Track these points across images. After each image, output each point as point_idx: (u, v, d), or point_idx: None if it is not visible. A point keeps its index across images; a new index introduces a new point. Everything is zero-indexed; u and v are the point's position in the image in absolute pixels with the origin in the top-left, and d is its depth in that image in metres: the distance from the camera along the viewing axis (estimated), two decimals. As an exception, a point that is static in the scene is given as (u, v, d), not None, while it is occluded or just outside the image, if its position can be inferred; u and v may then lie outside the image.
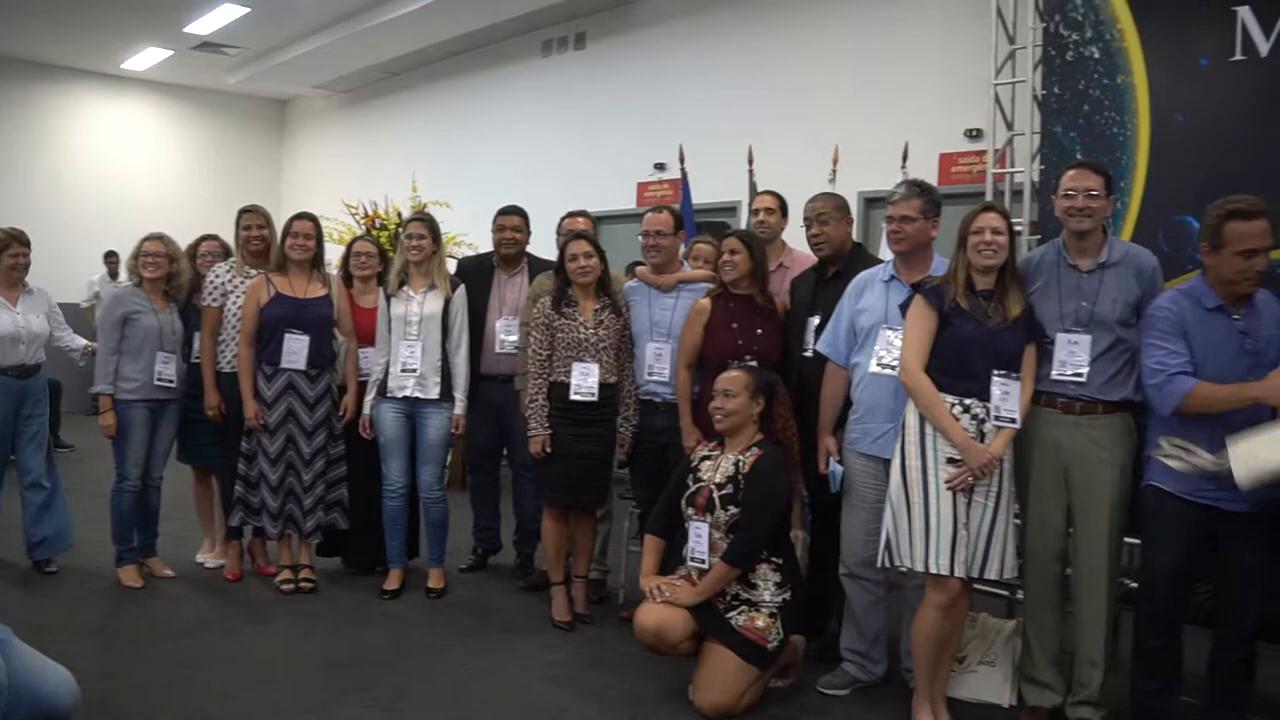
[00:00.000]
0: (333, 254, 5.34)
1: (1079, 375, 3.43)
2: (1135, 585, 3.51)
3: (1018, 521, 3.50)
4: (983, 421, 3.33)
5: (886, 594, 3.87)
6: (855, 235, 5.00)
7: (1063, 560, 3.58)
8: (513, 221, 5.11)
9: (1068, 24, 4.65)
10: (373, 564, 5.10)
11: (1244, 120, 4.21)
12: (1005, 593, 4.18)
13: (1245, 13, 4.20)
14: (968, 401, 3.34)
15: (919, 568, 3.37)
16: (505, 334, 4.97)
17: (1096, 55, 4.56)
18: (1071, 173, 3.51)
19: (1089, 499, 3.45)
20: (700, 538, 3.64)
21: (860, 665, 3.86)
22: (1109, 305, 3.40)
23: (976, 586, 3.71)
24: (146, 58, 11.42)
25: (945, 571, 3.31)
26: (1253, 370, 3.16)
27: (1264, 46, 4.16)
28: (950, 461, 3.31)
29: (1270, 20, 4.14)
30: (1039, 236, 4.61)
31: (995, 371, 3.32)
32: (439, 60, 10.59)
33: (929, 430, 3.35)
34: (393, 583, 4.88)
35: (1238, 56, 4.22)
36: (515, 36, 9.61)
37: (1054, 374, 3.44)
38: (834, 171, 5.49)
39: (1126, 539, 3.54)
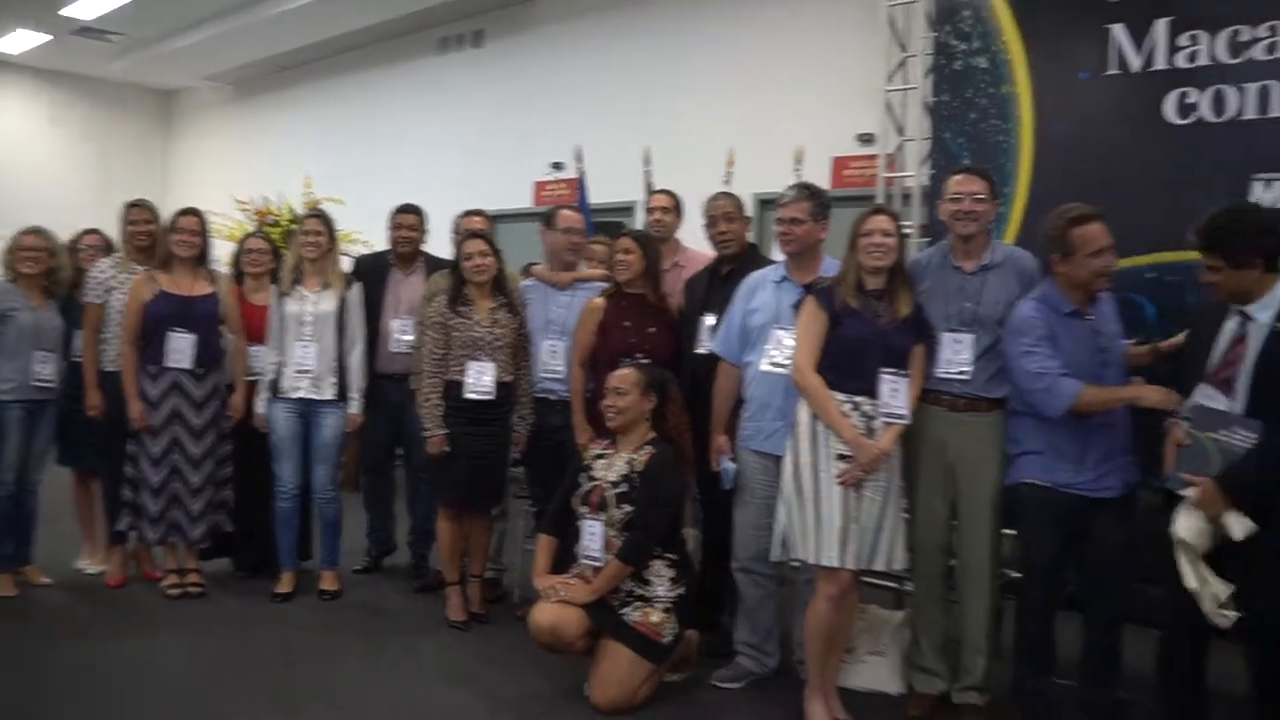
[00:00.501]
0: (223, 251, 5.22)
1: (963, 373, 3.55)
2: (1018, 575, 3.64)
3: (907, 515, 3.60)
4: (872, 418, 3.42)
5: (779, 588, 3.94)
6: (751, 236, 5.09)
7: (948, 552, 3.71)
8: (409, 220, 5.07)
9: (957, 34, 4.78)
10: (263, 567, 5.00)
11: (1120, 131, 4.40)
12: (894, 585, 4.28)
13: (1119, 30, 4.39)
14: (857, 399, 3.42)
15: (811, 561, 3.44)
16: (401, 333, 4.92)
17: (984, 65, 4.71)
18: (957, 178, 3.65)
19: (973, 493, 3.58)
20: (594, 536, 3.67)
21: (754, 658, 3.93)
22: (991, 306, 3.53)
23: (866, 580, 3.82)
24: (19, 40, 10.94)
25: (836, 564, 3.39)
26: (1105, 366, 3.37)
27: (1135, 63, 4.36)
28: (841, 458, 3.39)
29: (1139, 38, 4.33)
30: (929, 239, 4.74)
31: (884, 370, 3.41)
32: (334, 55, 10.41)
33: (820, 427, 3.43)
34: (284, 586, 4.80)
35: (1113, 71, 4.41)
36: (412, 33, 9.50)
37: (939, 372, 3.56)
38: (729, 173, 5.56)
39: (1005, 530, 3.67)
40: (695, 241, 4.45)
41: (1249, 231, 3.11)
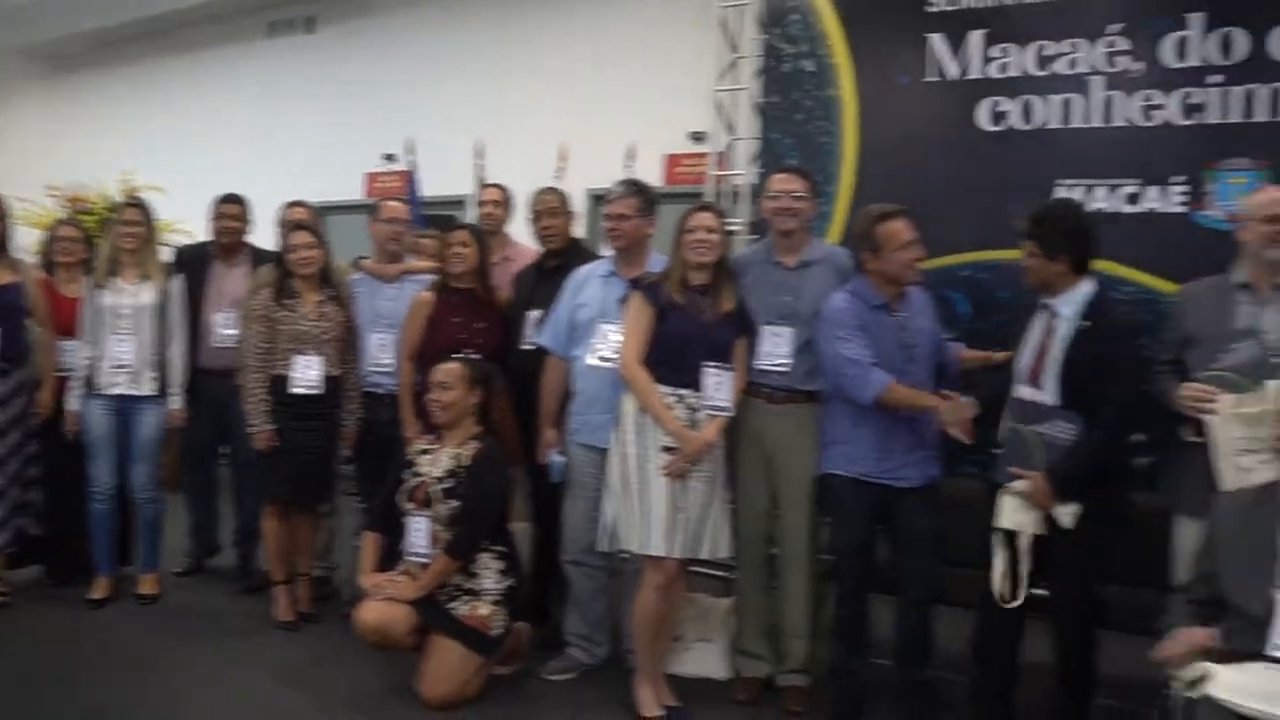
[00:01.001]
0: (31, 239, 4.96)
1: (782, 366, 3.66)
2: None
3: (732, 505, 3.70)
4: (696, 411, 3.49)
5: (609, 579, 3.99)
6: (585, 231, 5.13)
7: (769, 540, 3.83)
8: (231, 210, 4.91)
9: (785, 37, 4.92)
10: (78, 573, 4.75)
11: (937, 136, 4.60)
12: (722, 573, 4.39)
13: (937, 39, 4.59)
14: (682, 392, 3.48)
15: (637, 551, 3.50)
16: (224, 327, 4.75)
17: (810, 69, 4.85)
18: (778, 177, 3.79)
19: (790, 483, 3.71)
20: (420, 532, 3.65)
21: (584, 649, 3.97)
22: (810, 301, 3.65)
23: (694, 569, 3.91)
24: None
25: (663, 554, 3.45)
26: (910, 361, 3.51)
27: (952, 71, 4.57)
28: (666, 449, 3.46)
29: (956, 48, 4.55)
30: (757, 236, 4.86)
31: (707, 363, 3.49)
32: (160, 34, 9.90)
33: (645, 420, 3.48)
34: (100, 591, 4.58)
35: (931, 78, 4.62)
36: (241, 16, 9.16)
37: (759, 364, 3.66)
38: (562, 168, 5.58)
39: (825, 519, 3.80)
40: (528, 236, 4.45)
41: (1065, 227, 3.31)
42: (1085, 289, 3.29)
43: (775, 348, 3.66)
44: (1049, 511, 3.18)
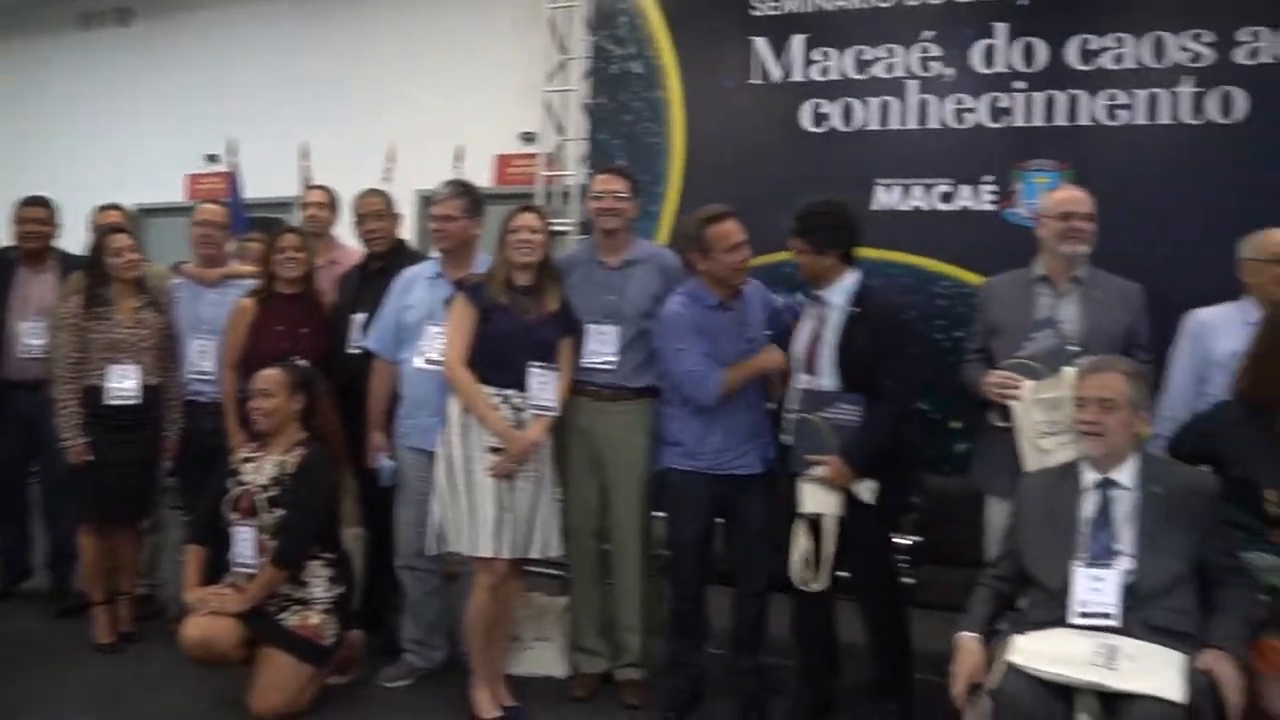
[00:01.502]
0: None
1: (608, 364, 3.69)
2: (670, 554, 3.83)
3: (563, 503, 3.71)
4: (521, 411, 3.48)
5: (442, 583, 3.95)
6: (414, 233, 5.07)
7: (600, 537, 3.86)
8: (36, 213, 4.63)
9: (614, 39, 4.98)
10: None
11: (762, 137, 4.73)
12: (558, 572, 4.39)
13: (761, 43, 4.72)
14: (507, 392, 3.47)
15: (466, 552, 3.48)
16: (31, 337, 4.49)
17: (639, 70, 4.93)
18: (601, 177, 3.83)
19: (621, 479, 3.74)
20: (246, 542, 3.54)
21: (420, 654, 3.92)
22: (634, 299, 3.70)
23: (531, 569, 3.91)
24: None
25: (491, 554, 3.44)
26: (750, 355, 3.56)
27: (776, 74, 4.70)
28: (492, 450, 3.45)
29: (780, 50, 4.68)
30: (586, 237, 4.89)
31: (532, 363, 3.49)
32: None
33: (471, 421, 3.47)
34: (-106, 622, 4.29)
35: (755, 80, 4.74)
36: (51, 4, 8.66)
37: (585, 363, 3.68)
38: (389, 169, 5.50)
39: (657, 514, 3.85)
40: (354, 238, 4.37)
41: (831, 223, 3.46)
42: (852, 278, 3.47)
43: (601, 346, 3.69)
44: (849, 490, 3.31)
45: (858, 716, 3.59)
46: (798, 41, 4.68)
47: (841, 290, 3.44)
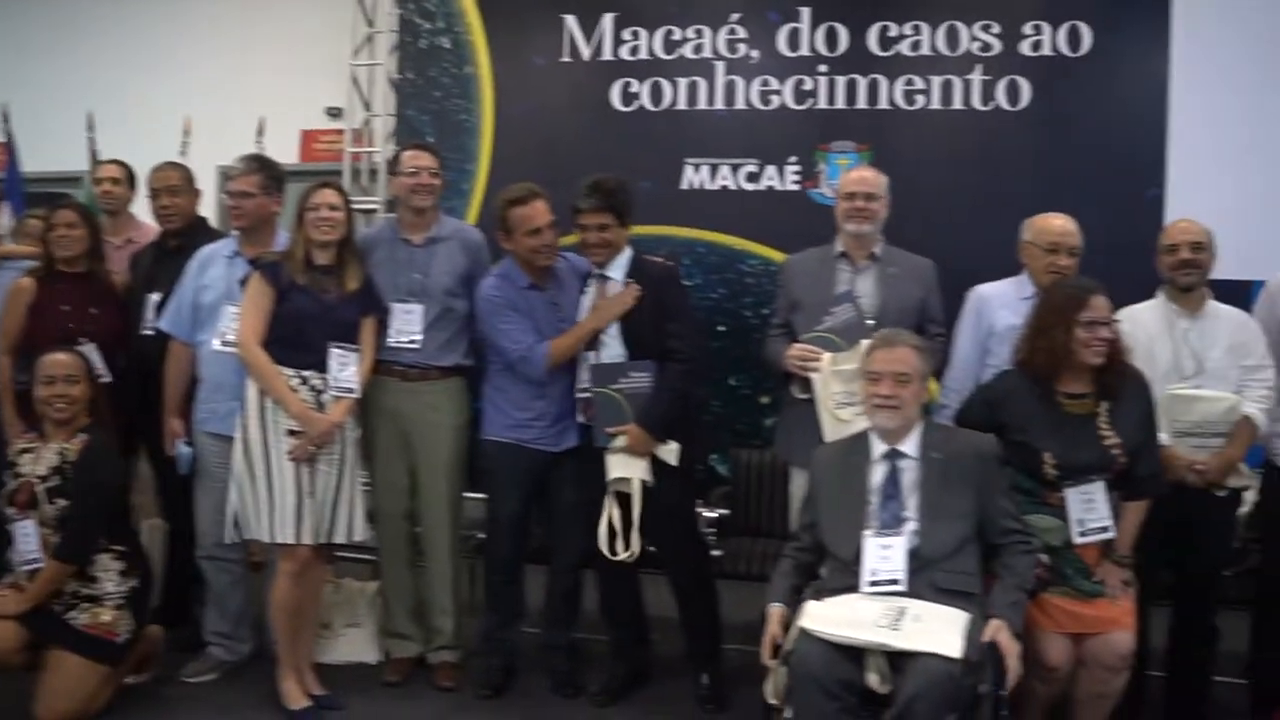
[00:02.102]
0: None
1: (414, 343, 3.63)
2: (484, 536, 3.81)
3: (368, 486, 3.64)
4: (321, 392, 3.40)
5: (247, 572, 3.83)
6: (214, 210, 4.85)
7: (410, 519, 3.81)
8: None
9: (421, 13, 4.88)
10: None
11: (573, 115, 4.72)
12: (369, 557, 4.30)
13: (571, 20, 4.71)
14: (306, 373, 3.38)
15: (266, 539, 3.38)
16: None
17: (448, 45, 4.85)
18: (410, 153, 3.74)
19: (430, 460, 3.70)
20: (28, 537, 3.31)
21: (226, 647, 3.78)
22: (439, 277, 3.65)
23: (341, 554, 3.83)
24: None
25: (292, 540, 3.35)
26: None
27: (586, 52, 4.70)
28: (291, 433, 3.35)
29: (590, 29, 4.68)
30: (393, 215, 4.79)
31: (333, 344, 3.40)
32: None
33: (268, 403, 3.36)
34: None
35: (566, 59, 4.72)
36: None
37: (390, 342, 3.61)
38: (185, 143, 5.24)
39: (468, 495, 3.83)
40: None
41: (629, 198, 3.55)
42: (628, 251, 3.56)
43: (406, 325, 3.62)
44: (654, 455, 3.38)
45: (669, 688, 3.66)
46: (608, 20, 4.69)
47: (621, 264, 3.53)
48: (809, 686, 2.55)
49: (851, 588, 2.75)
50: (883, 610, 2.62)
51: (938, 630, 2.54)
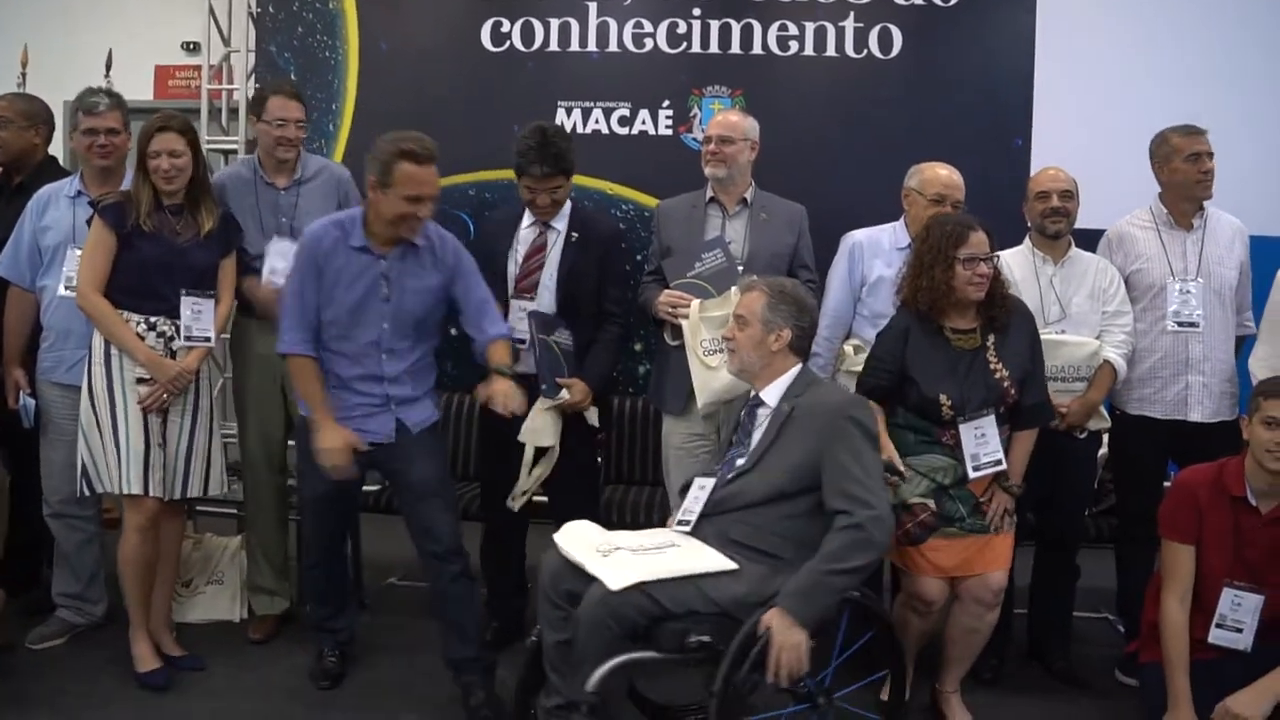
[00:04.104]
0: None
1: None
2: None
3: (232, 438, 3.50)
4: (171, 339, 3.23)
5: (99, 529, 3.65)
6: (64, 148, 4.58)
7: (284, 472, 3.69)
8: None
9: (284, -56, 4.63)
10: None
11: (442, 54, 4.55)
12: (233, 511, 4.17)
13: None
14: (154, 319, 3.21)
15: (114, 491, 3.21)
16: None
17: (310, -22, 4.62)
18: (277, 100, 3.56)
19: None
20: None
21: (76, 609, 3.61)
22: (312, 217, 3.37)
23: (204, 508, 3.69)
24: None
25: (139, 492, 3.18)
26: (385, 320, 3.08)
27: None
28: (140, 381, 3.19)
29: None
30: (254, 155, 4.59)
31: (185, 291, 3.23)
32: None
33: (114, 351, 3.19)
34: None
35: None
36: None
37: (269, 282, 3.47)
38: (23, 75, 4.92)
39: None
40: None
41: (571, 143, 3.47)
42: (569, 203, 3.52)
43: (284, 263, 3.42)
44: (584, 412, 3.38)
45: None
46: (479, -46, 4.53)
47: (564, 215, 3.48)
48: (540, 594, 2.68)
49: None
50: (603, 539, 2.68)
51: (631, 565, 2.51)
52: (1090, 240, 3.62)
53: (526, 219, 3.53)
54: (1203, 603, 2.86)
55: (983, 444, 2.96)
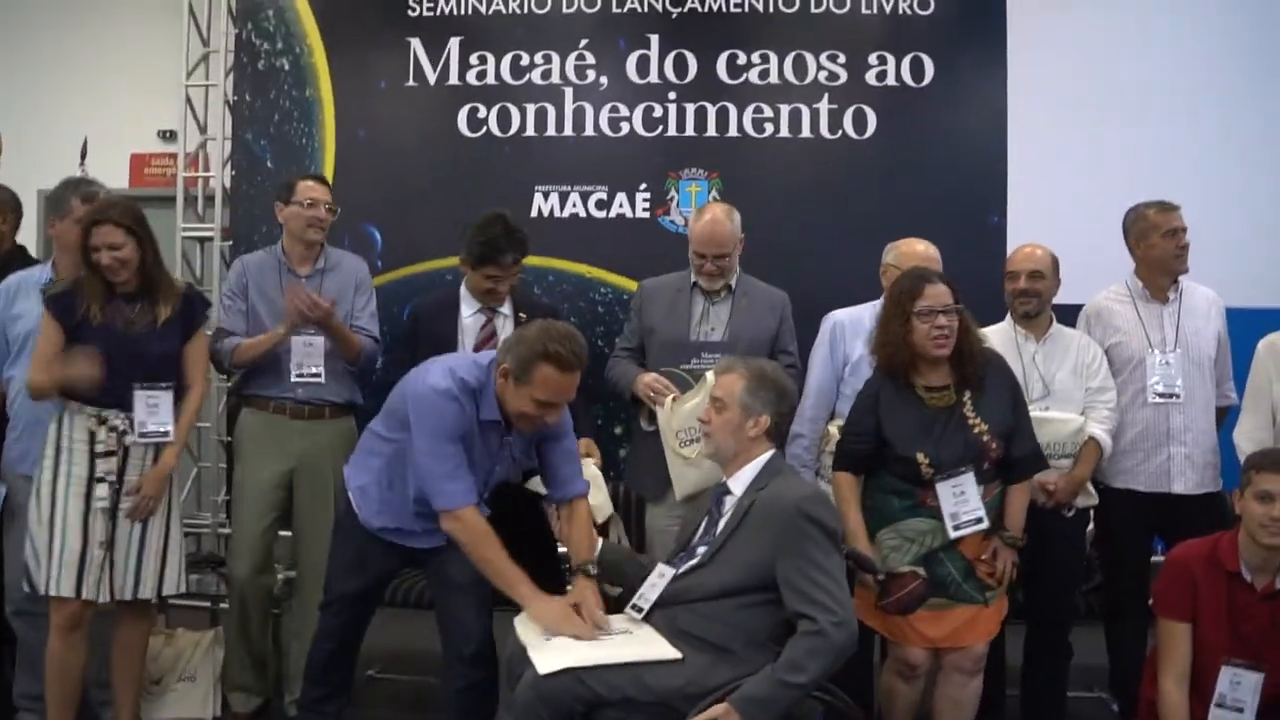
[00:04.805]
0: None
1: (316, 376, 3.49)
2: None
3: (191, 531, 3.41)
4: (124, 434, 3.10)
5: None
6: (36, 236, 4.55)
7: (271, 571, 3.67)
8: None
9: (259, 33, 4.68)
10: None
11: (419, 140, 4.59)
12: (207, 604, 4.05)
13: (417, 44, 4.58)
14: (106, 413, 3.08)
15: (41, 591, 3.06)
16: None
17: (287, 67, 4.66)
18: (307, 184, 3.68)
19: (313, 504, 3.53)
20: None
21: (38, 712, 3.45)
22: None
23: (178, 602, 3.58)
24: None
25: (69, 594, 3.03)
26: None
27: (432, 75, 4.57)
28: (99, 480, 3.06)
29: (437, 54, 4.56)
30: (230, 243, 4.57)
31: (138, 385, 3.10)
32: None
33: (65, 443, 3.08)
34: None
35: (410, 82, 4.59)
36: None
37: (293, 377, 3.49)
38: (-9, 165, 4.89)
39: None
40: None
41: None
42: None
43: (307, 358, 3.48)
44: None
45: None
46: (454, 44, 4.58)
47: (509, 298, 3.53)
48: (502, 677, 2.69)
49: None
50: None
51: (566, 649, 2.50)
52: (1069, 315, 3.63)
53: (467, 308, 3.52)
54: (1201, 682, 2.80)
55: (962, 502, 2.91)
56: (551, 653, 2.47)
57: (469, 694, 2.89)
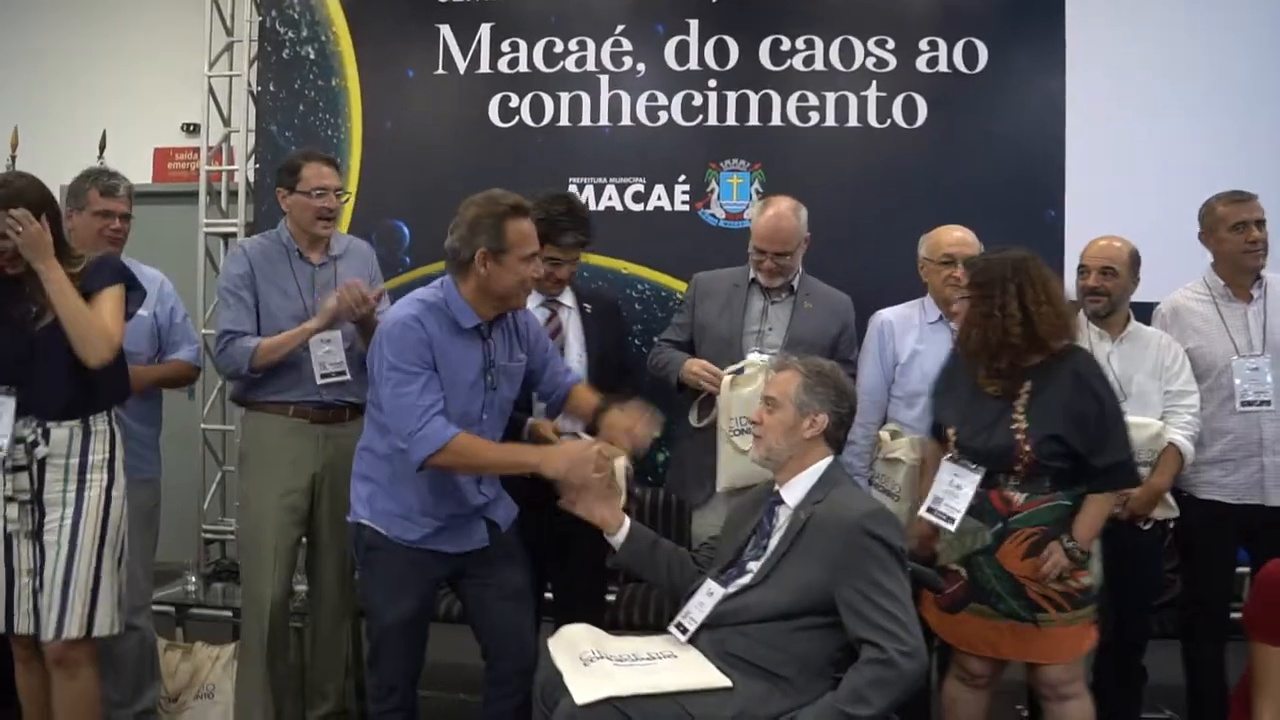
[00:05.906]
0: None
1: (343, 375, 3.23)
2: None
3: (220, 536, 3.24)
4: (35, 445, 2.71)
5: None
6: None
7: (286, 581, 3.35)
8: None
9: (284, 21, 4.55)
10: None
11: (446, 130, 4.43)
12: (229, 614, 3.88)
13: (446, 31, 4.41)
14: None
15: None
16: None
17: (312, 56, 4.53)
18: (313, 168, 3.30)
19: (335, 515, 3.21)
20: None
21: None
22: None
23: (197, 611, 3.42)
24: None
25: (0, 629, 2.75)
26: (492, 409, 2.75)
27: (462, 64, 4.41)
28: (9, 501, 2.71)
29: (467, 41, 4.39)
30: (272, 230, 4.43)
31: None
32: None
33: None
34: None
35: (440, 71, 4.43)
36: None
37: (318, 379, 3.23)
38: (13, 157, 4.78)
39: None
40: None
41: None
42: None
43: (327, 357, 3.20)
44: None
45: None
46: (485, 30, 4.41)
47: (570, 291, 3.31)
48: (534, 703, 2.48)
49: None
50: (595, 645, 2.47)
51: (607, 677, 2.29)
52: (1142, 315, 3.41)
53: (532, 298, 3.29)
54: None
55: (950, 494, 2.74)
56: (590, 679, 2.28)
57: (524, 712, 2.65)
